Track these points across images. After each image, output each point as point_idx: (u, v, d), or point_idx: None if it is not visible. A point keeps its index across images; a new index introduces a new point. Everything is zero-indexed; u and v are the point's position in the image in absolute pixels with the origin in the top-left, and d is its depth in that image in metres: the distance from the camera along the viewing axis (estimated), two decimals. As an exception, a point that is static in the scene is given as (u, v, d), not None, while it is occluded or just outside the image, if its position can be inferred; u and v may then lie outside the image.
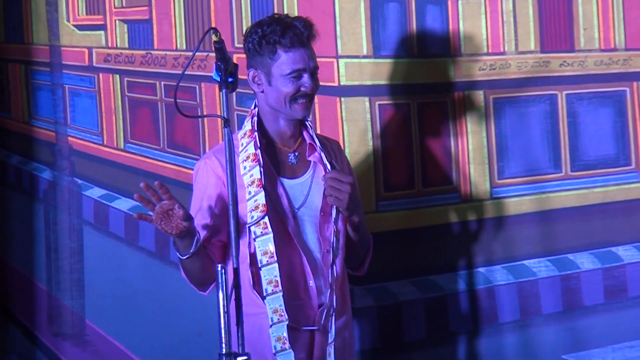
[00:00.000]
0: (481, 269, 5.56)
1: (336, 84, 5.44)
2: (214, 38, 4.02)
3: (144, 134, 5.70)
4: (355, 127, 5.46)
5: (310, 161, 4.57)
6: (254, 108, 4.60)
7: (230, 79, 4.06)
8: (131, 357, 5.63)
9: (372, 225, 5.18)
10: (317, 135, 4.70)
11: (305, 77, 4.43)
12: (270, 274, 4.36)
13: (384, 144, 5.52)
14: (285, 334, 4.34)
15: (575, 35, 5.67)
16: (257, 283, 4.41)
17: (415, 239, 5.54)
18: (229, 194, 4.05)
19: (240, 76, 4.19)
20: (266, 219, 4.39)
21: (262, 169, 4.46)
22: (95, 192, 5.68)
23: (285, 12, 5.51)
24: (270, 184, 4.48)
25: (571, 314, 5.63)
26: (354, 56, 5.44)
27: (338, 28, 5.45)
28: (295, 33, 4.43)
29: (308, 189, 4.56)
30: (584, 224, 5.60)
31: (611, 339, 5.63)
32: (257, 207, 4.39)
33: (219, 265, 3.88)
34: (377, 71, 5.49)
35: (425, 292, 5.57)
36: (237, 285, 4.03)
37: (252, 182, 4.40)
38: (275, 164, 4.48)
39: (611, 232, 5.61)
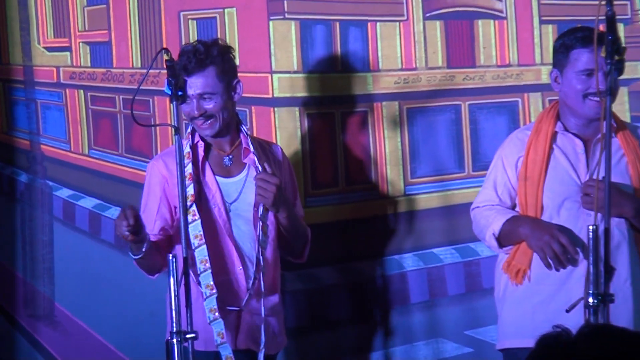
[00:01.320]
0: (395, 256, 5.54)
1: (270, 96, 5.42)
2: (165, 57, 4.08)
3: (105, 141, 5.68)
4: (287, 134, 5.43)
5: (245, 163, 4.58)
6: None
7: (179, 93, 4.10)
8: (94, 335, 5.55)
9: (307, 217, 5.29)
10: (259, 140, 4.76)
11: (198, 102, 4.49)
12: (202, 254, 4.38)
13: (312, 148, 5.49)
14: (215, 306, 4.33)
15: (476, 53, 5.69)
16: (193, 264, 4.39)
17: (339, 231, 5.53)
18: (178, 191, 4.12)
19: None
20: (194, 207, 4.42)
21: (193, 166, 4.48)
22: (64, 193, 5.70)
23: (227, 34, 5.52)
24: (205, 180, 4.52)
25: (472, 296, 5.63)
26: (286, 71, 5.41)
27: (272, 47, 5.44)
28: (192, 60, 4.47)
29: (242, 187, 4.58)
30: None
31: None
32: (187, 197, 4.38)
33: (170, 255, 4.04)
34: (306, 85, 5.49)
35: (347, 277, 5.55)
36: (186, 272, 4.07)
37: (186, 177, 4.39)
38: (212, 165, 4.50)
39: None
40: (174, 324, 4.01)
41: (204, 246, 4.36)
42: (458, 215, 5.56)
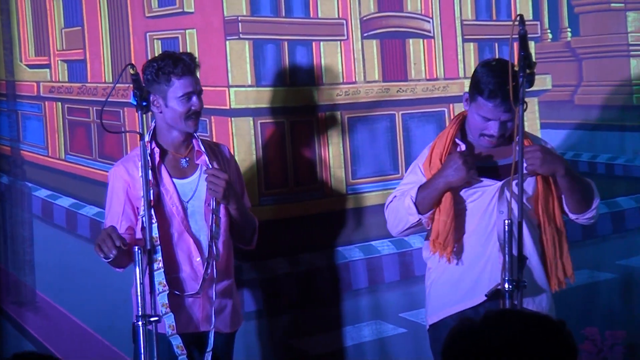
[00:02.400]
0: (339, 248, 5.59)
1: (227, 107, 5.43)
2: (131, 72, 4.13)
3: (80, 147, 5.61)
4: (243, 141, 5.43)
5: (198, 164, 4.58)
6: (153, 125, 4.62)
7: (144, 103, 4.14)
8: (72, 319, 5.45)
9: (256, 215, 5.20)
10: (207, 142, 4.76)
11: (194, 99, 4.48)
12: (157, 255, 4.41)
13: (265, 153, 5.50)
14: (166, 301, 4.36)
15: (408, 69, 5.71)
16: (150, 262, 4.43)
17: (290, 226, 5.53)
18: (143, 193, 4.21)
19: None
20: (152, 212, 4.43)
21: (151, 171, 4.46)
22: (42, 193, 5.61)
23: (189, 51, 5.29)
24: (162, 183, 4.52)
25: (406, 282, 5.64)
26: (241, 85, 5.41)
27: (229, 64, 5.44)
28: (185, 64, 4.47)
29: (196, 186, 4.59)
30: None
31: None
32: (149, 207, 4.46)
33: (136, 247, 4.07)
34: (259, 97, 5.48)
35: (297, 267, 5.57)
36: (150, 262, 4.22)
37: (145, 182, 4.42)
38: (169, 168, 4.50)
39: None
40: (140, 309, 4.04)
41: (159, 247, 4.38)
42: None
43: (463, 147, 4.53)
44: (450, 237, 4.46)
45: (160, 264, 4.37)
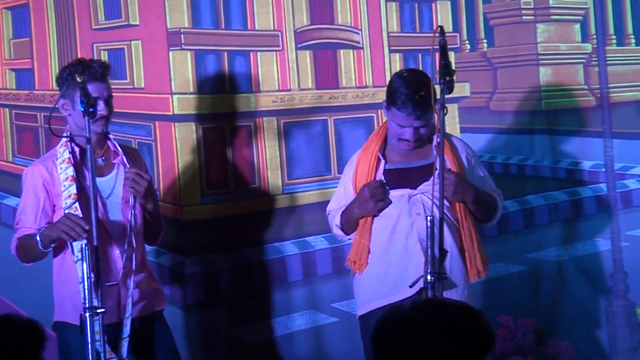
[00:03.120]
0: (276, 244, 5.55)
1: (171, 113, 5.40)
2: (78, 80, 4.06)
3: (27, 150, 5.62)
4: (186, 144, 5.40)
5: (114, 163, 4.53)
6: (67, 127, 4.53)
7: (90, 109, 4.08)
8: (18, 311, 5.11)
9: (198, 213, 5.40)
10: (122, 145, 4.67)
11: (101, 104, 4.38)
12: (79, 249, 4.32)
13: (206, 156, 5.46)
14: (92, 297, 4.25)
15: (339, 77, 5.71)
16: (72, 252, 4.39)
17: (230, 224, 5.49)
18: (90, 188, 4.12)
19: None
20: (77, 205, 4.35)
21: (75, 169, 4.42)
22: None
23: (134, 62, 5.51)
24: (83, 181, 4.44)
25: (337, 275, 5.59)
26: (184, 93, 5.38)
27: (172, 73, 5.40)
28: (93, 70, 4.39)
29: (114, 184, 4.53)
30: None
31: None
32: (70, 196, 4.36)
33: (84, 242, 4.07)
34: (201, 104, 5.47)
35: (236, 262, 5.52)
36: (97, 257, 4.07)
37: (67, 178, 4.38)
38: (86, 167, 4.41)
39: None
40: (87, 301, 4.00)
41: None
42: (325, 210, 5.30)
43: (381, 171, 4.52)
44: (364, 254, 4.51)
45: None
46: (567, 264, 5.76)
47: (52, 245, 4.34)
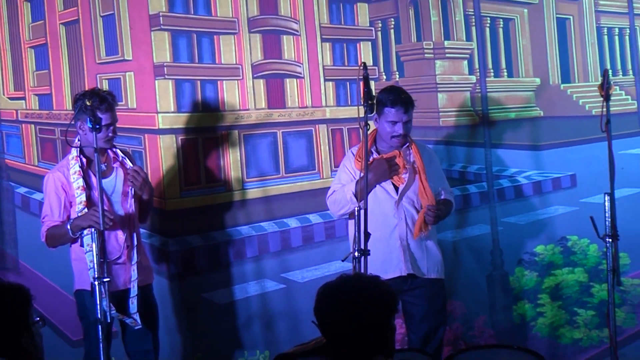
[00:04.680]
0: (238, 228, 5.59)
1: (157, 127, 5.47)
2: (88, 103, 4.33)
3: (48, 157, 5.57)
4: (168, 152, 5.45)
5: (113, 167, 4.62)
6: (77, 141, 4.56)
7: (97, 126, 4.30)
8: (46, 280, 5.43)
9: (178, 204, 5.47)
10: (121, 149, 4.73)
11: (110, 129, 4.49)
12: (88, 239, 4.41)
13: (184, 160, 5.51)
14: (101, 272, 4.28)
15: (286, 99, 5.74)
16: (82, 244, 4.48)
17: (202, 212, 5.55)
18: (98, 187, 4.33)
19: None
20: (85, 210, 4.44)
21: (83, 181, 4.49)
22: (21, 190, 5.59)
23: (128, 88, 5.49)
24: (91, 183, 4.50)
25: (284, 252, 5.71)
26: (166, 112, 5.45)
27: (157, 96, 5.44)
28: (108, 103, 4.48)
29: (114, 183, 4.62)
30: (293, 203, 5.72)
31: (306, 264, 5.71)
32: (80, 202, 4.50)
33: (92, 229, 4.29)
34: (179, 120, 5.51)
35: (207, 241, 5.58)
36: (102, 240, 4.37)
37: (78, 187, 4.51)
38: (93, 172, 4.47)
39: (306, 206, 5.70)
40: (95, 273, 4.21)
41: (89, 236, 4.41)
42: (275, 201, 5.69)
43: (375, 155, 4.62)
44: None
45: (91, 248, 4.38)
46: (460, 243, 5.68)
47: (79, 233, 4.43)
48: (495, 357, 3.61)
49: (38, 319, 3.06)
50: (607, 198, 4.42)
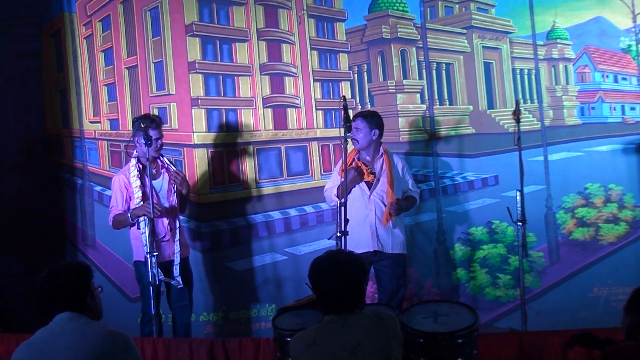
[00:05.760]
0: (253, 215, 5.53)
1: (192, 143, 5.53)
2: (142, 126, 4.38)
3: (116, 164, 5.73)
4: (202, 161, 5.50)
5: (161, 172, 4.61)
6: (135, 152, 4.56)
7: (149, 142, 4.35)
8: (114, 254, 5.53)
9: (209, 198, 5.44)
10: (169, 158, 4.68)
11: (159, 142, 4.50)
12: (143, 224, 4.46)
13: (213, 167, 5.54)
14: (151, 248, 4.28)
15: (287, 123, 5.67)
16: (138, 227, 4.47)
17: (227, 204, 5.57)
18: (150, 186, 4.35)
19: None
20: (140, 203, 4.48)
21: (140, 181, 4.51)
22: (98, 188, 5.78)
23: (172, 114, 5.56)
24: (146, 183, 4.50)
25: (287, 232, 5.64)
26: (200, 131, 5.54)
27: (193, 120, 5.51)
28: (156, 122, 4.53)
29: (161, 184, 4.62)
30: (293, 197, 5.70)
31: (303, 242, 5.58)
32: (137, 197, 4.53)
33: (146, 217, 4.34)
34: (210, 138, 5.56)
35: (230, 225, 5.56)
36: (153, 225, 4.40)
37: (136, 186, 4.56)
38: (148, 175, 4.46)
39: (303, 200, 5.66)
40: (147, 248, 4.29)
41: (143, 223, 4.45)
42: (280, 196, 5.62)
43: (354, 164, 4.51)
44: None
45: (145, 229, 4.44)
46: (414, 227, 5.51)
47: (137, 219, 4.46)
48: (439, 308, 3.44)
49: (99, 286, 2.97)
50: (518, 193, 4.42)
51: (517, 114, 4.44)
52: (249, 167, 5.57)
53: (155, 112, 5.43)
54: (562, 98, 5.58)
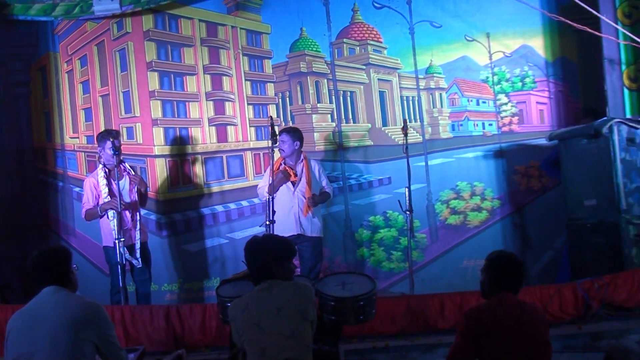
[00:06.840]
0: (202, 209, 5.63)
1: (154, 154, 5.61)
2: (111, 139, 4.45)
3: (91, 170, 5.52)
4: (161, 167, 5.59)
5: (124, 175, 4.64)
6: (100, 160, 4.62)
7: (117, 152, 4.46)
8: (90, 239, 5.51)
9: (166, 198, 5.57)
10: (130, 165, 4.75)
11: (119, 150, 4.51)
12: (111, 215, 4.50)
13: (170, 172, 5.62)
14: (119, 235, 4.39)
15: (228, 136, 5.69)
16: (108, 217, 4.49)
17: (180, 201, 5.63)
18: (116, 185, 4.43)
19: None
20: (108, 199, 4.52)
21: (106, 181, 4.57)
22: (76, 189, 5.57)
23: (138, 132, 5.60)
24: (112, 184, 4.55)
25: (228, 222, 5.64)
26: (160, 145, 5.59)
27: (154, 136, 5.56)
28: (116, 135, 4.55)
29: (124, 183, 4.66)
30: (232, 194, 5.64)
31: (240, 228, 5.61)
32: (105, 195, 4.61)
33: (114, 211, 4.37)
34: (167, 149, 5.61)
35: (184, 216, 5.57)
36: (120, 217, 4.42)
37: (104, 185, 4.62)
38: (112, 177, 4.53)
39: (240, 196, 5.66)
40: (115, 234, 4.38)
41: (114, 221, 4.49)
42: (222, 194, 5.66)
43: (282, 167, 4.66)
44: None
45: (114, 226, 4.51)
46: (327, 216, 5.48)
47: (105, 212, 4.54)
48: (346, 278, 3.41)
49: (75, 265, 3.01)
50: (406, 190, 4.69)
51: (405, 130, 4.63)
52: (198, 172, 5.74)
53: (124, 131, 5.67)
54: (438, 118, 5.88)
